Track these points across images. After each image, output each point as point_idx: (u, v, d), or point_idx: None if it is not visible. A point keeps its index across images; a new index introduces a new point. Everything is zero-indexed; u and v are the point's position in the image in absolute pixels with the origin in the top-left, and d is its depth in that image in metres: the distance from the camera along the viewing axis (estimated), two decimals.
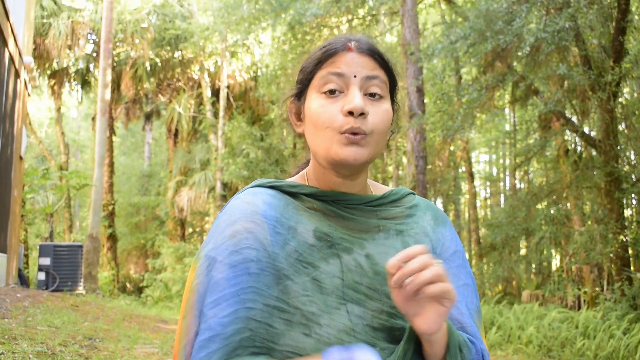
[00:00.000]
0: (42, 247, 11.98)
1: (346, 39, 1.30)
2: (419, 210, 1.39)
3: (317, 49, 1.32)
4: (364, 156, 1.23)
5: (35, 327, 5.02)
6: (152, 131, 29.42)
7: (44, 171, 15.76)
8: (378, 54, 1.29)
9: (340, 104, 1.24)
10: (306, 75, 1.31)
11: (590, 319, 8.39)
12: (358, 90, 1.24)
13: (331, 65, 1.26)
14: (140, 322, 8.34)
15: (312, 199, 1.31)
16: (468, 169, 21.02)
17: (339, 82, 1.25)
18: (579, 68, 9.68)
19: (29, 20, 12.01)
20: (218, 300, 1.15)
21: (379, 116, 1.25)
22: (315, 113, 1.26)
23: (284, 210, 1.28)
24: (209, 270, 1.19)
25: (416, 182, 11.99)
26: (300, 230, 1.25)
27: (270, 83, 18.63)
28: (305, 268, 1.21)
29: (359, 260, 1.25)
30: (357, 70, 1.25)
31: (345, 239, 1.27)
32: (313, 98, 1.28)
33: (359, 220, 1.31)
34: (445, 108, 11.54)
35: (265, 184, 1.34)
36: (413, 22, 12.63)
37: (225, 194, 20.22)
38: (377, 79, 1.26)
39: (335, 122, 1.23)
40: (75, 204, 30.01)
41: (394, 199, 1.39)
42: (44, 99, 32.67)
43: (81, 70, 22.54)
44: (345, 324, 1.18)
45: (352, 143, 1.22)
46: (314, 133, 1.27)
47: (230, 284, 1.16)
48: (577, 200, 12.54)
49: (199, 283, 1.20)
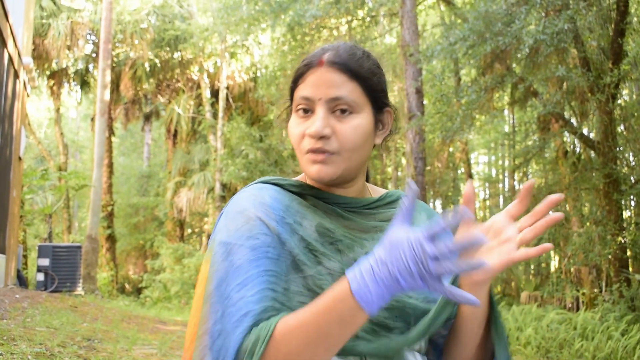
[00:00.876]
0: (41, 247, 11.98)
1: (322, 51, 1.31)
2: (414, 211, 1.38)
3: (301, 62, 1.34)
4: (329, 174, 1.27)
5: (34, 327, 5.02)
6: (151, 132, 29.41)
7: (43, 172, 15.77)
8: (348, 66, 1.28)
9: (307, 124, 1.28)
10: (290, 90, 1.36)
11: (589, 320, 8.39)
12: (323, 112, 1.26)
13: (303, 84, 1.30)
14: (139, 323, 8.34)
15: (314, 199, 1.34)
16: (467, 170, 21.03)
17: (308, 103, 1.28)
18: (578, 70, 9.69)
19: (28, 20, 12.01)
20: (244, 281, 1.16)
21: (347, 133, 1.26)
22: (290, 133, 1.32)
23: (289, 205, 1.30)
24: (227, 256, 1.20)
25: (415, 184, 12.00)
26: (304, 225, 1.28)
27: (270, 84, 18.63)
28: (315, 257, 1.24)
29: (359, 259, 1.26)
30: (322, 91, 1.26)
31: (347, 237, 1.30)
32: (292, 117, 1.33)
33: (358, 222, 1.34)
34: (444, 109, 11.54)
35: (269, 180, 1.37)
36: (412, 23, 12.64)
37: (224, 195, 20.22)
38: (342, 99, 1.26)
39: (302, 144, 1.28)
40: (74, 205, 30.00)
41: (389, 200, 1.42)
42: (43, 99, 32.67)
43: (80, 71, 22.55)
44: None
45: (316, 162, 1.27)
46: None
47: (253, 265, 1.17)
48: (575, 202, 12.54)
49: (217, 270, 1.20)
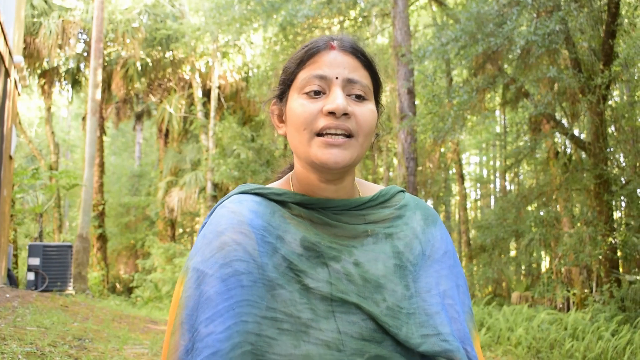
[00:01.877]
0: (31, 247, 11.92)
1: (329, 37, 1.27)
2: (409, 210, 1.36)
3: (300, 49, 1.29)
4: (346, 159, 1.21)
5: (24, 327, 5.00)
6: (142, 131, 29.34)
7: (34, 171, 15.68)
8: (361, 52, 1.27)
9: (321, 104, 1.21)
10: (288, 75, 1.29)
11: (579, 320, 8.43)
12: (340, 90, 1.21)
13: (313, 65, 1.24)
14: (130, 322, 8.31)
15: (299, 207, 1.28)
16: (458, 171, 21.10)
17: (320, 84, 1.22)
18: (569, 71, 9.74)
19: (20, 19, 11.96)
20: (213, 316, 1.11)
21: (364, 116, 1.22)
22: (295, 113, 1.23)
23: (270, 219, 1.24)
24: (198, 284, 1.15)
25: (407, 184, 12.03)
26: (287, 240, 1.22)
27: (262, 84, 18.62)
28: (296, 276, 1.19)
29: (347, 269, 1.22)
30: (339, 71, 1.22)
31: (333, 248, 1.24)
32: (294, 99, 1.25)
33: (347, 227, 1.28)
34: (436, 110, 11.57)
35: (250, 190, 1.30)
36: (404, 23, 12.66)
37: (215, 195, 20.20)
38: (359, 83, 1.23)
39: (315, 123, 1.20)
40: (65, 204, 29.88)
41: (382, 200, 1.35)
42: (34, 98, 32.54)
43: (72, 70, 22.45)
44: (334, 335, 1.16)
45: (333, 145, 1.20)
46: (294, 134, 1.24)
47: (223, 299, 1.12)
48: (566, 203, 12.61)
49: (188, 297, 1.15)
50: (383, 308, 1.20)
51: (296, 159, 1.31)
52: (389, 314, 1.20)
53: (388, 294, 1.22)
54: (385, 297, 1.22)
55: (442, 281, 1.29)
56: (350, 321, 1.18)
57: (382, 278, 1.24)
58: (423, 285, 1.27)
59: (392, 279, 1.24)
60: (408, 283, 1.26)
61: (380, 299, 1.21)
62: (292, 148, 1.28)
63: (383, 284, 1.23)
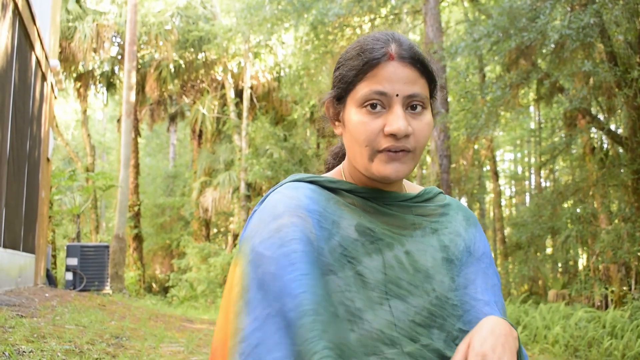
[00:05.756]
0: (69, 247, 12.12)
1: (385, 41, 1.26)
2: (452, 210, 1.41)
3: (356, 54, 1.28)
4: (405, 172, 1.25)
5: (63, 325, 5.08)
6: (176, 132, 29.61)
7: (71, 173, 15.95)
8: (420, 61, 1.26)
9: (382, 121, 1.23)
10: (346, 85, 1.29)
11: (618, 318, 8.28)
12: (401, 109, 1.23)
13: (372, 80, 1.24)
14: (166, 321, 8.40)
15: (352, 195, 1.32)
16: (493, 168, 20.87)
17: (380, 100, 1.23)
18: (604, 65, 9.56)
19: (55, 24, 12.16)
20: (281, 289, 1.11)
21: (422, 132, 1.25)
22: (356, 130, 1.25)
23: (326, 205, 1.27)
24: (257, 265, 1.16)
25: (440, 181, 11.94)
26: (343, 225, 1.25)
27: (294, 83, 18.65)
28: (349, 262, 1.21)
29: (399, 257, 1.26)
30: (399, 87, 1.23)
31: (387, 235, 1.28)
32: (354, 112, 1.26)
33: (398, 217, 1.32)
34: (469, 106, 11.48)
35: (304, 178, 1.33)
36: (436, 20, 12.58)
37: (249, 194, 20.29)
38: (419, 96, 1.24)
39: (376, 142, 1.23)
40: (102, 205, 30.31)
41: (427, 197, 1.40)
42: (70, 101, 33.07)
43: (106, 73, 22.76)
44: (389, 319, 1.18)
45: (394, 160, 1.24)
46: (354, 146, 1.27)
47: (287, 272, 1.12)
48: (603, 199, 12.39)
49: (251, 279, 1.16)
50: (433, 297, 1.24)
51: (350, 159, 1.34)
52: (437, 304, 1.24)
53: (437, 284, 1.26)
54: (434, 287, 1.26)
55: (479, 279, 1.33)
56: (403, 310, 1.21)
57: (431, 269, 1.28)
58: (463, 281, 1.31)
59: (440, 270, 1.28)
60: (454, 276, 1.30)
61: (430, 288, 1.25)
62: (350, 156, 1.32)
63: (432, 275, 1.27)
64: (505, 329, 1.14)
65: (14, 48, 7.69)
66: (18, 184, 8.45)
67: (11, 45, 7.53)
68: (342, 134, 1.34)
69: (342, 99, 1.31)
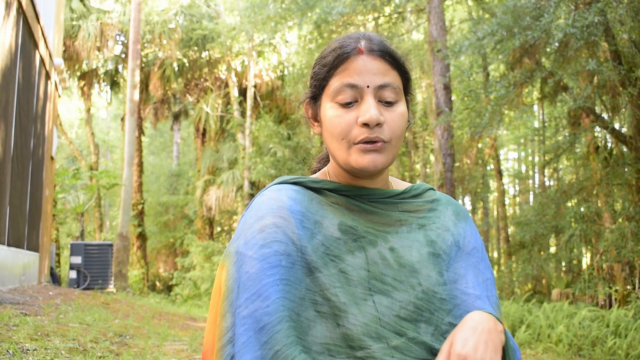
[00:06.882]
0: (73, 246, 12.15)
1: (356, 39, 1.30)
2: (441, 205, 1.41)
3: (328, 51, 1.32)
4: (384, 162, 1.26)
5: (67, 324, 5.09)
6: (180, 131, 29.63)
7: (75, 171, 15.98)
8: (389, 54, 1.29)
9: (355, 114, 1.26)
10: (319, 81, 1.32)
11: (622, 317, 8.26)
12: (372, 99, 1.25)
13: (343, 73, 1.27)
14: (170, 319, 8.42)
15: (335, 194, 1.33)
16: (496, 167, 20.85)
17: (352, 93, 1.26)
18: (608, 63, 9.54)
19: (59, 22, 12.18)
20: (258, 291, 1.15)
21: (395, 122, 1.27)
22: (331, 124, 1.28)
23: (309, 205, 1.29)
24: (240, 266, 1.20)
25: (444, 180, 11.93)
26: (325, 224, 1.27)
27: (297, 82, 18.64)
28: (332, 261, 1.23)
29: (383, 253, 1.27)
30: (370, 78, 1.26)
31: (370, 232, 1.29)
32: (328, 107, 1.29)
33: (382, 214, 1.33)
34: (472, 105, 11.46)
35: (288, 180, 1.35)
36: (440, 19, 12.56)
37: (253, 193, 20.29)
38: (390, 86, 1.27)
39: (351, 134, 1.26)
40: (106, 204, 30.36)
41: (414, 193, 1.40)
42: (74, 100, 33.11)
43: (110, 71, 22.80)
44: (373, 314, 1.20)
45: (370, 151, 1.25)
46: (332, 141, 1.29)
47: (266, 275, 1.16)
48: (607, 198, 12.36)
49: (233, 280, 1.20)
50: (419, 292, 1.25)
51: (332, 157, 1.36)
52: (424, 298, 1.25)
53: (423, 278, 1.27)
54: (420, 282, 1.26)
55: (470, 273, 1.33)
56: (387, 305, 1.22)
57: (417, 264, 1.28)
58: (452, 275, 1.31)
59: (426, 265, 1.29)
60: (442, 270, 1.30)
61: (416, 282, 1.26)
62: (330, 151, 1.33)
63: (418, 269, 1.27)
64: (489, 325, 1.15)
65: (18, 47, 7.70)
66: (22, 182, 8.46)
67: (15, 43, 7.55)
68: (320, 133, 1.36)
69: (318, 98, 1.34)
